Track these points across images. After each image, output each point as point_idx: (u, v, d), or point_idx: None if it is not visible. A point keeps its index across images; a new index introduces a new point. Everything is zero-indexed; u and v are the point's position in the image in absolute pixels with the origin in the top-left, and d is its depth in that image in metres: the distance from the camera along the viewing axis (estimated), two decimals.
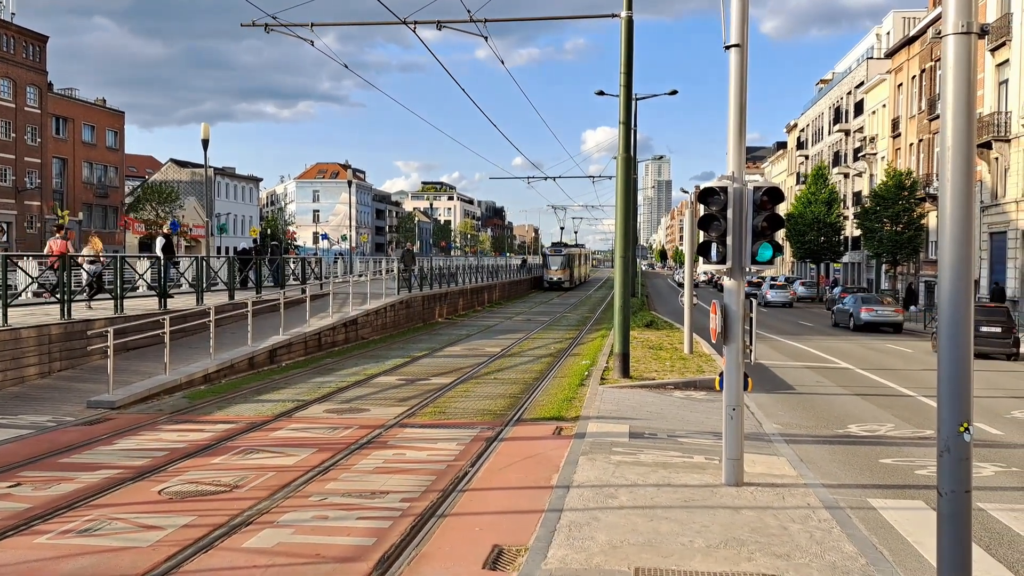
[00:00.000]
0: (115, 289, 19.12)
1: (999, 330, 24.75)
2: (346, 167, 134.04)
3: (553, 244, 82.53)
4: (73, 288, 18.04)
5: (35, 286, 18.78)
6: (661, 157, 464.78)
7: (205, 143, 28.70)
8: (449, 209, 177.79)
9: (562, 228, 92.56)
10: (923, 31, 49.10)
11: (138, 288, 21.80)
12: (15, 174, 59.19)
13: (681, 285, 71.38)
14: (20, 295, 17.18)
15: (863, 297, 37.58)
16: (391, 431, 12.18)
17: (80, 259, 20.10)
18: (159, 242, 23.85)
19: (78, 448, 10.87)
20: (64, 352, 16.30)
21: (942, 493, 5.42)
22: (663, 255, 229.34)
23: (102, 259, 21.00)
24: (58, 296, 17.01)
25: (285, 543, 7.26)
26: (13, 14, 60.13)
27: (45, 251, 20.81)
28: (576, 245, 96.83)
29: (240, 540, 7.31)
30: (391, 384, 17.13)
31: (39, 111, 61.60)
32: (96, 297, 19.69)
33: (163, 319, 16.43)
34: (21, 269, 18.32)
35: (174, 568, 6.60)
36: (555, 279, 71.35)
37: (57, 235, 19.86)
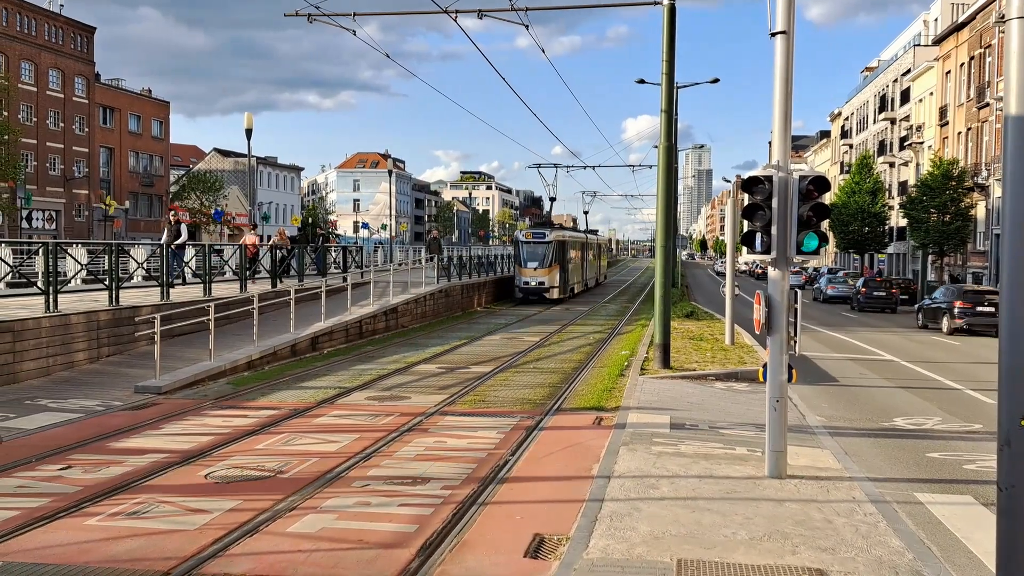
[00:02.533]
0: (161, 277, 19.43)
1: None
2: (386, 157, 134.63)
3: (534, 225, 50.01)
4: (258, 271, 25.34)
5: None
6: (702, 146, 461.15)
7: (248, 133, 29.01)
8: (488, 199, 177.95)
9: (586, 212, 71.72)
10: (972, 17, 48.01)
11: (183, 276, 22.14)
12: (63, 163, 60.35)
13: (721, 275, 69.73)
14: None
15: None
16: (431, 419, 12.25)
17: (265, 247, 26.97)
18: (183, 230, 22.50)
19: (126, 432, 11.08)
20: (112, 338, 16.60)
21: (1002, 488, 5.31)
22: (703, 245, 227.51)
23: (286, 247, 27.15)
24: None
25: (329, 528, 7.33)
26: (62, 5, 61.19)
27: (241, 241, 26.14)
28: (584, 231, 60.55)
29: (285, 525, 7.41)
30: (431, 372, 17.21)
31: (87, 101, 62.68)
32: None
33: (208, 306, 16.67)
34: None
35: (221, 551, 6.70)
36: (532, 284, 40.65)
37: (251, 232, 27.15)
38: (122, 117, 67.35)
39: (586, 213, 71.85)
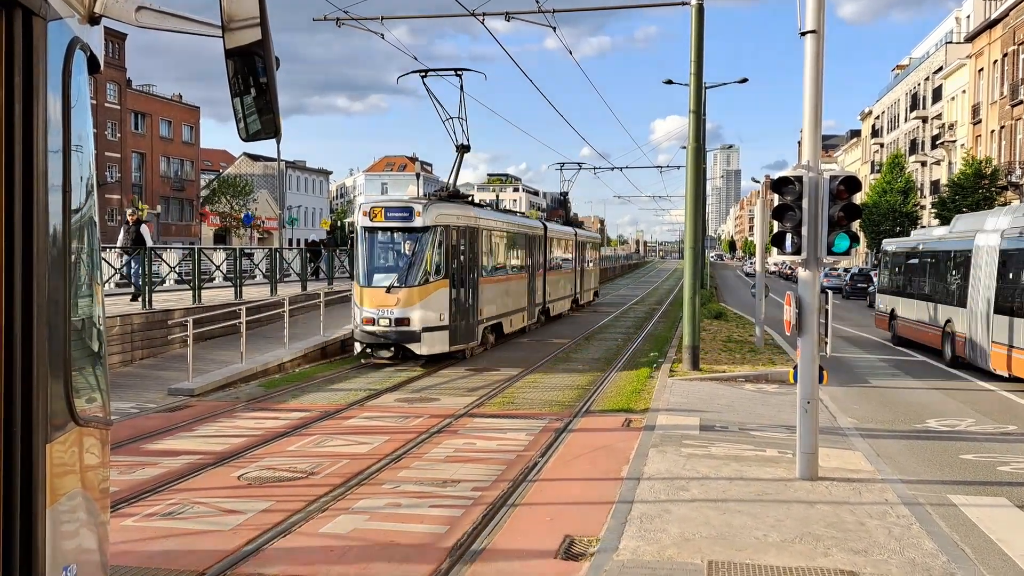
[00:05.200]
0: (193, 280, 19.66)
1: None
2: (413, 160, 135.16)
3: (393, 205, 18.74)
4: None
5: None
6: (730, 146, 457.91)
7: (278, 138, 29.26)
8: (515, 200, 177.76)
9: (564, 195, 45.33)
10: (1006, 14, 47.36)
11: (214, 279, 22.39)
12: (96, 168, 61.11)
13: (750, 276, 69.15)
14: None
15: None
16: (461, 420, 12.29)
17: None
18: (145, 232, 19.32)
19: (161, 434, 11.23)
20: (145, 340, 16.83)
21: None
22: (732, 246, 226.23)
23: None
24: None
25: (360, 529, 7.40)
26: None
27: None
28: (566, 221, 40.09)
29: (317, 525, 7.48)
30: (459, 374, 17.27)
31: (119, 107, 63.57)
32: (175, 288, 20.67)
33: (239, 309, 16.85)
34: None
35: (254, 552, 6.79)
36: (379, 324, 17.70)
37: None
38: (153, 122, 68.21)
39: (564, 195, 44.44)
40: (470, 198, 22.53)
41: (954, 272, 19.88)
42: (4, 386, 2.25)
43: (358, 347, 18.35)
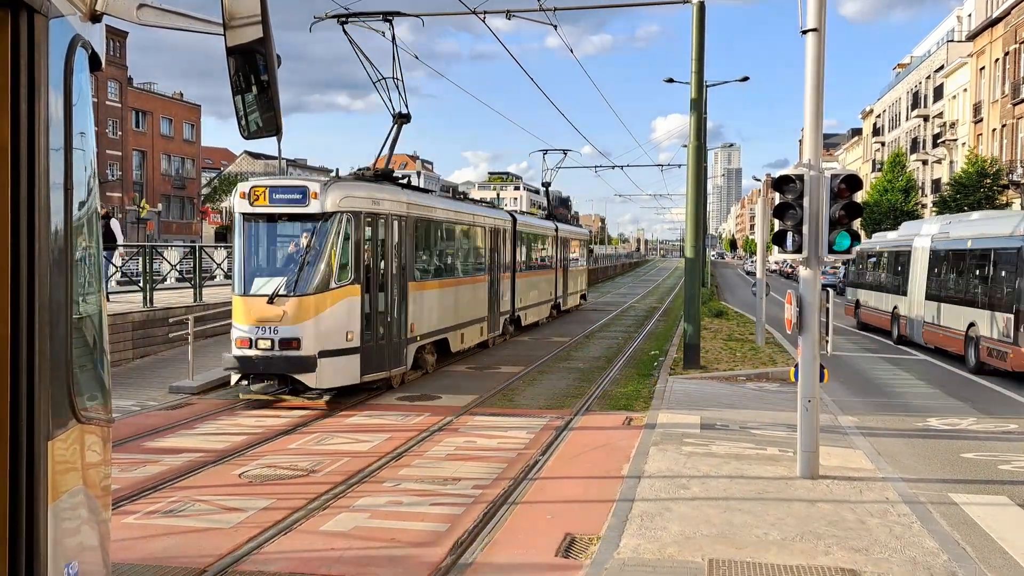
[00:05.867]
0: (194, 279, 19.68)
1: None
2: (414, 158, 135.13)
3: (282, 184, 13.52)
4: None
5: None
6: (731, 145, 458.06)
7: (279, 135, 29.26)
8: (515, 199, 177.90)
9: (546, 185, 36.59)
10: (1007, 12, 47.31)
11: (215, 277, 22.42)
12: (97, 167, 61.23)
13: (751, 275, 69.03)
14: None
15: None
16: (461, 419, 12.30)
17: None
18: (114, 226, 18.38)
19: (162, 432, 11.24)
20: (146, 338, 16.84)
21: None
22: (733, 244, 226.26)
23: None
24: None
25: (361, 527, 7.41)
26: None
27: None
28: (547, 214, 36.12)
29: (318, 523, 7.49)
30: (460, 372, 17.27)
31: (119, 105, 63.57)
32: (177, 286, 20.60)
33: None
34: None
35: (255, 549, 6.80)
36: (257, 347, 12.67)
37: None
38: (154, 120, 68.22)
39: (547, 185, 36.68)
40: (406, 179, 16.42)
41: (899, 268, 23.95)
42: (7, 384, 2.25)
43: (233, 377, 13.22)
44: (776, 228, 9.10)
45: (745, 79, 38.23)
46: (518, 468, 9.43)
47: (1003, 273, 17.30)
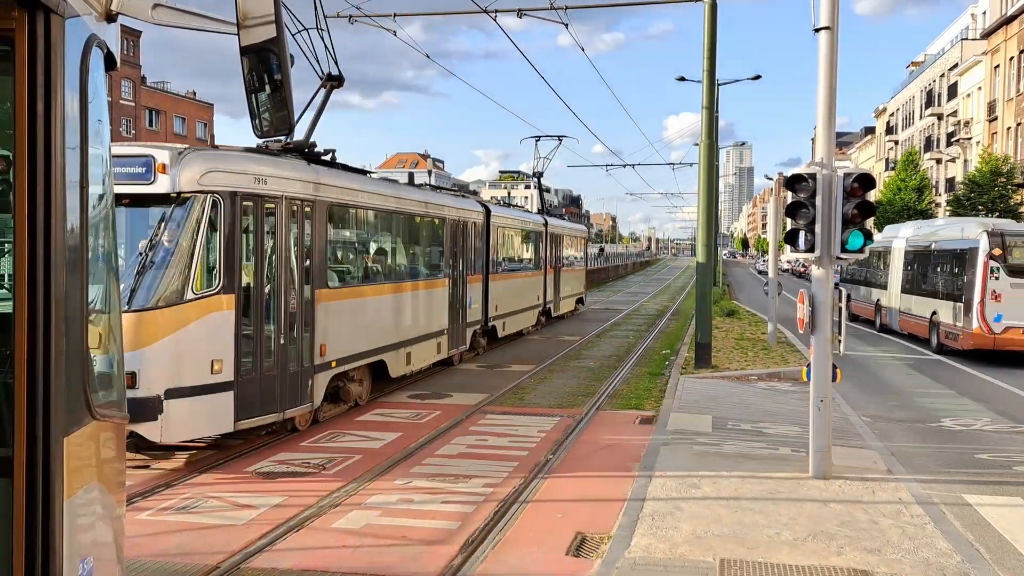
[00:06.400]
0: None
1: None
2: (425, 157, 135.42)
3: (123, 153, 9.47)
4: None
5: None
6: (743, 143, 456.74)
7: (291, 133, 29.29)
8: (526, 198, 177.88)
9: (538, 175, 31.48)
10: (1022, 10, 47.00)
11: None
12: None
13: (763, 274, 68.73)
14: None
15: None
16: (472, 417, 12.31)
17: None
18: None
19: None
20: None
21: None
22: (744, 243, 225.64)
23: None
24: None
25: (373, 524, 7.42)
26: None
27: None
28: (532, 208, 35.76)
29: (329, 520, 7.52)
30: (472, 371, 17.28)
31: (133, 104, 63.87)
32: None
33: None
34: None
35: (267, 546, 6.82)
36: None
37: None
38: (167, 119, 68.49)
39: (538, 175, 31.54)
40: (329, 155, 12.38)
41: (882, 266, 27.09)
42: (23, 380, 2.27)
43: None
44: (788, 227, 9.08)
45: (757, 77, 38.11)
46: (529, 467, 9.41)
47: (955, 271, 20.88)
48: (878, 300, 27.28)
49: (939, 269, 22.11)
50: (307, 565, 6.44)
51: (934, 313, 21.76)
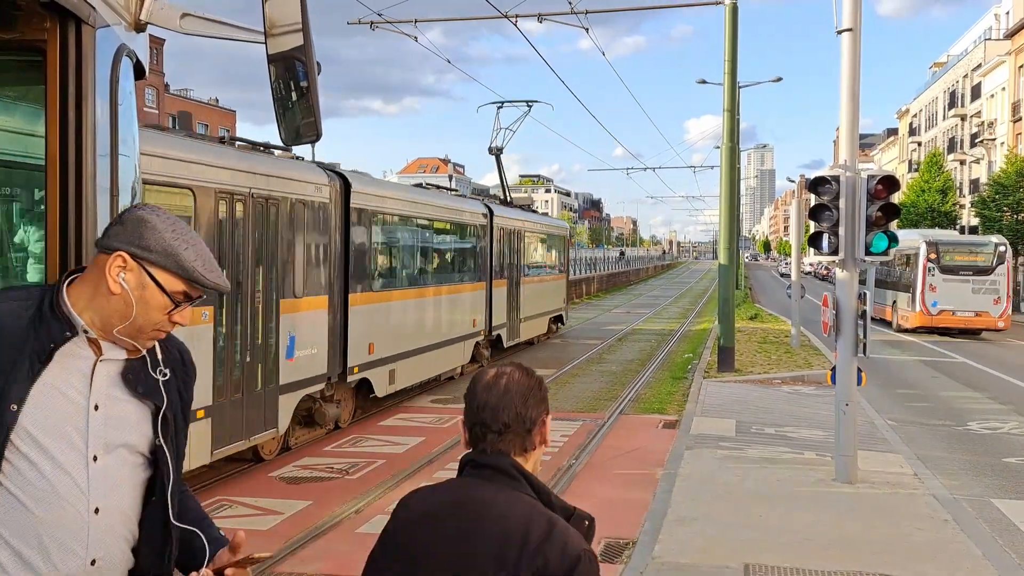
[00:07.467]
0: None
1: None
2: (446, 162, 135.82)
3: None
4: None
5: None
6: (764, 146, 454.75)
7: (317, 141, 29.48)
8: (546, 202, 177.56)
9: (497, 151, 23.17)
10: None
11: None
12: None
13: (785, 276, 68.24)
14: None
15: None
16: None
17: None
18: None
19: None
20: None
21: None
22: (766, 246, 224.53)
23: None
24: None
25: None
26: None
27: None
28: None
29: (354, 525, 7.54)
30: None
31: (156, 111, 64.51)
32: None
33: None
34: None
35: (292, 551, 6.85)
36: None
37: None
38: (191, 126, 69.15)
39: (498, 151, 23.58)
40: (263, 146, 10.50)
41: None
42: None
43: None
44: (812, 230, 9.02)
45: (779, 80, 37.95)
46: (552, 471, 9.39)
47: (906, 269, 27.86)
48: None
49: (898, 269, 28.77)
50: (331, 571, 6.46)
51: (894, 302, 28.81)
